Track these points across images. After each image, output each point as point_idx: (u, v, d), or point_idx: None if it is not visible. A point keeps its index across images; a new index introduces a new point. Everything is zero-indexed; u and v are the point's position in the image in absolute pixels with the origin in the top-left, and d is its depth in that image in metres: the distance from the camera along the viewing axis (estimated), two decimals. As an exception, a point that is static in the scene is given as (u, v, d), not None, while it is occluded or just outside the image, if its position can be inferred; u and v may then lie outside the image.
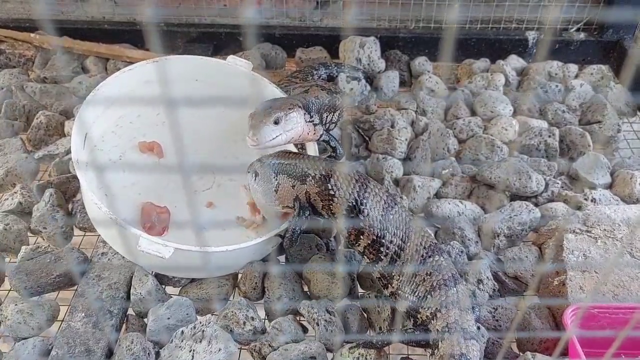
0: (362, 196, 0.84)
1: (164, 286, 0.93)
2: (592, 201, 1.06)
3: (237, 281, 0.94)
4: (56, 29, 1.44)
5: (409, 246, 0.83)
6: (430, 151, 1.17)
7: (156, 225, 0.93)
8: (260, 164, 0.89)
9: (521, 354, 0.84)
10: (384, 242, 0.83)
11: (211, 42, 1.46)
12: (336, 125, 1.06)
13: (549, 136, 1.19)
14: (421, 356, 0.85)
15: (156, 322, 0.84)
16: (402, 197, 1.06)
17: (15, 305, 0.86)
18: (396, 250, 0.83)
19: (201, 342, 0.80)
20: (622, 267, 0.91)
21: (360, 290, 0.95)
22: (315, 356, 0.81)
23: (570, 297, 0.87)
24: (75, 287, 0.92)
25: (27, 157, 1.12)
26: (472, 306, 0.82)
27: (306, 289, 0.94)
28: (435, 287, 0.79)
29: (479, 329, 0.83)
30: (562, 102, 1.33)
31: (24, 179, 1.08)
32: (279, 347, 0.82)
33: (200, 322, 0.83)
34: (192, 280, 0.94)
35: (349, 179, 0.85)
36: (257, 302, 0.92)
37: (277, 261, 0.98)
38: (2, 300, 0.91)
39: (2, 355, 0.82)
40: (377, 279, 0.88)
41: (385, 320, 0.88)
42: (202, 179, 1.06)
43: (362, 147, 1.21)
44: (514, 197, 1.09)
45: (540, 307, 0.90)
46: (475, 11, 1.46)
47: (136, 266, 0.91)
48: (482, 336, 0.85)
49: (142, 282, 0.89)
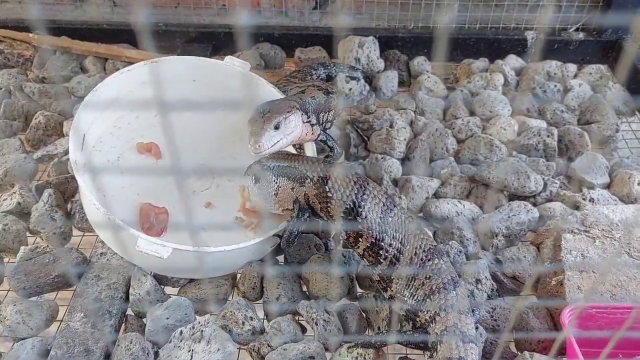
0: (360, 198, 0.83)
1: (162, 286, 0.93)
2: (590, 201, 1.06)
3: (236, 281, 0.94)
4: (55, 29, 1.43)
5: (408, 249, 0.82)
6: (429, 151, 1.17)
7: (155, 225, 0.93)
8: (260, 166, 0.89)
9: (519, 353, 0.85)
10: (382, 245, 0.83)
11: (210, 42, 1.46)
12: (332, 124, 1.06)
13: (548, 136, 1.19)
14: (420, 356, 0.85)
15: (155, 322, 0.84)
16: (401, 197, 1.06)
17: (14, 305, 0.86)
18: (395, 253, 0.83)
19: (200, 342, 0.81)
20: (620, 267, 0.91)
21: (359, 290, 0.95)
22: (313, 356, 0.81)
23: (568, 297, 0.87)
24: (74, 287, 0.92)
25: (25, 158, 1.12)
26: (472, 309, 0.82)
27: (305, 288, 0.94)
28: (434, 291, 0.79)
29: (477, 329, 0.84)
30: (561, 101, 1.33)
31: (22, 179, 1.09)
32: (277, 347, 0.82)
33: (199, 322, 0.83)
34: (190, 280, 0.94)
35: (347, 181, 0.84)
36: (256, 302, 0.92)
37: (276, 261, 0.98)
38: (1, 300, 0.91)
39: (1, 355, 0.82)
40: (377, 281, 0.88)
41: (383, 320, 0.88)
42: (200, 179, 1.06)
43: (360, 147, 1.21)
44: (513, 197, 1.09)
45: (538, 307, 0.91)
46: (474, 11, 1.46)
47: (135, 267, 0.91)
48: (481, 335, 0.85)
49: (141, 282, 0.89)
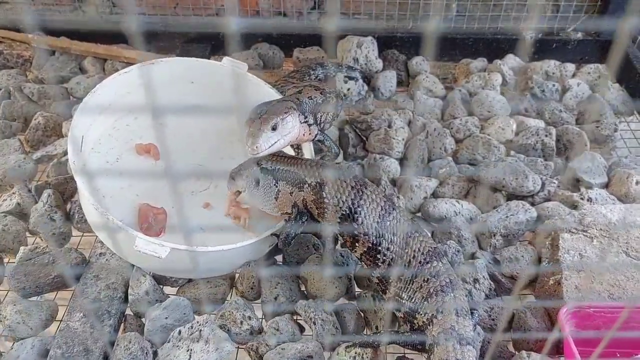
0: (356, 204, 0.83)
1: (161, 286, 0.93)
2: (588, 200, 1.06)
3: (235, 281, 0.95)
4: (54, 30, 1.44)
5: (406, 252, 0.82)
6: (427, 151, 1.18)
7: (153, 226, 0.94)
8: (259, 169, 0.89)
9: (517, 352, 0.85)
10: (380, 249, 0.83)
11: (209, 42, 1.46)
12: (331, 125, 1.06)
13: (546, 135, 1.19)
14: (418, 356, 0.86)
15: (154, 322, 0.84)
16: (399, 197, 1.07)
17: (14, 305, 0.87)
18: (393, 257, 0.83)
19: (198, 341, 0.81)
20: (617, 267, 0.91)
21: (357, 289, 0.96)
22: (312, 355, 0.81)
23: (565, 297, 0.87)
24: (73, 287, 0.93)
25: (25, 158, 1.12)
26: (472, 311, 0.82)
27: (303, 288, 0.95)
28: (431, 294, 0.79)
29: (475, 329, 0.84)
30: (559, 101, 1.33)
31: (22, 180, 1.09)
32: (276, 347, 0.82)
33: (197, 322, 0.84)
34: (189, 280, 0.94)
35: (343, 186, 0.84)
36: (255, 302, 0.93)
37: (275, 261, 0.99)
38: (1, 300, 0.91)
39: (1, 355, 0.83)
40: (376, 283, 0.88)
41: (381, 319, 0.88)
42: (199, 180, 1.06)
43: (359, 147, 1.21)
44: (511, 197, 1.09)
45: (536, 307, 0.91)
46: (472, 11, 1.46)
47: (134, 267, 0.91)
48: (479, 334, 0.85)
49: (140, 282, 0.89)
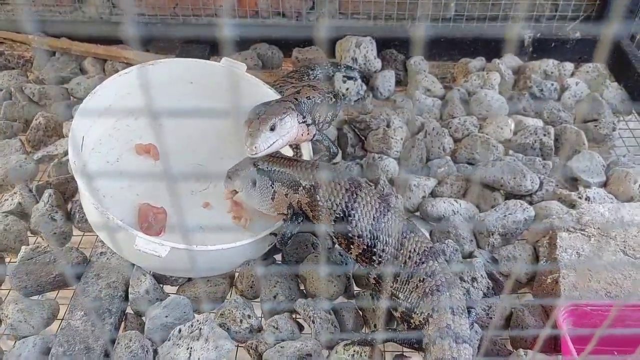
0: (350, 207, 0.83)
1: (161, 285, 0.94)
2: (586, 200, 1.07)
3: (234, 280, 0.95)
4: (54, 31, 1.44)
5: (402, 253, 0.83)
6: (425, 150, 1.18)
7: (153, 225, 0.94)
8: (256, 170, 0.89)
9: (514, 350, 0.85)
10: (375, 250, 0.84)
11: (208, 43, 1.47)
12: (329, 125, 1.06)
13: (544, 135, 1.19)
14: (416, 354, 0.86)
15: (154, 321, 0.85)
16: (397, 197, 1.07)
17: (15, 304, 0.87)
18: (389, 258, 0.83)
19: (198, 340, 0.81)
20: (615, 265, 0.91)
21: (355, 288, 0.96)
22: (311, 353, 0.82)
23: (563, 295, 0.88)
24: (74, 286, 0.93)
25: (26, 158, 1.13)
26: (469, 310, 0.82)
27: (302, 287, 0.95)
28: (427, 293, 0.79)
29: (472, 327, 0.84)
30: (558, 100, 1.33)
31: (23, 179, 1.10)
32: (275, 345, 0.83)
33: (197, 321, 0.84)
34: (189, 279, 0.95)
35: (337, 189, 0.84)
36: (254, 301, 0.93)
37: (274, 260, 0.99)
38: (2, 299, 0.92)
39: (3, 353, 0.84)
40: (373, 284, 0.89)
41: (379, 318, 0.89)
42: (198, 180, 1.07)
43: (358, 146, 1.21)
44: (509, 196, 1.10)
45: (533, 305, 0.91)
46: (471, 10, 1.46)
47: (134, 266, 0.92)
48: (476, 332, 0.86)
49: (140, 281, 0.90)
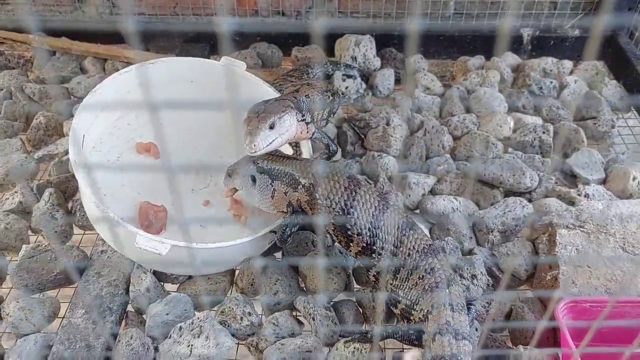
0: (349, 205, 0.84)
1: (162, 283, 0.94)
2: (585, 197, 1.07)
3: (235, 277, 0.96)
4: (55, 30, 1.45)
5: (401, 251, 0.83)
6: (425, 148, 1.18)
7: (154, 223, 0.95)
8: (255, 168, 0.89)
9: (514, 347, 0.86)
10: (374, 248, 0.84)
11: (208, 41, 1.47)
12: (328, 122, 1.07)
13: (543, 132, 1.20)
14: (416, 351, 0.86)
15: (155, 318, 0.85)
16: (397, 195, 1.07)
17: (17, 302, 0.88)
18: (388, 255, 0.84)
19: (199, 337, 0.82)
20: (614, 261, 0.92)
21: (356, 286, 0.97)
22: (311, 350, 0.82)
23: (562, 291, 0.88)
24: (75, 284, 0.94)
25: (27, 157, 1.13)
26: (469, 306, 0.83)
27: (302, 285, 0.96)
28: (427, 290, 0.79)
29: (472, 323, 0.85)
30: (557, 98, 1.34)
31: (24, 178, 1.10)
32: (275, 342, 0.83)
33: (198, 318, 0.85)
34: (189, 277, 0.95)
35: (336, 187, 0.84)
36: (254, 298, 0.94)
37: (274, 258, 1.00)
38: (4, 297, 0.92)
39: (5, 351, 0.84)
40: (373, 281, 0.89)
41: (378, 311, 0.89)
42: (198, 177, 1.07)
43: (357, 144, 1.22)
44: (508, 193, 1.10)
45: (533, 301, 0.92)
46: (470, 8, 1.47)
47: (135, 264, 0.93)
48: (476, 330, 0.86)
49: (141, 279, 0.90)
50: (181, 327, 0.84)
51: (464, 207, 1.06)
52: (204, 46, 1.46)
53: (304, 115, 0.93)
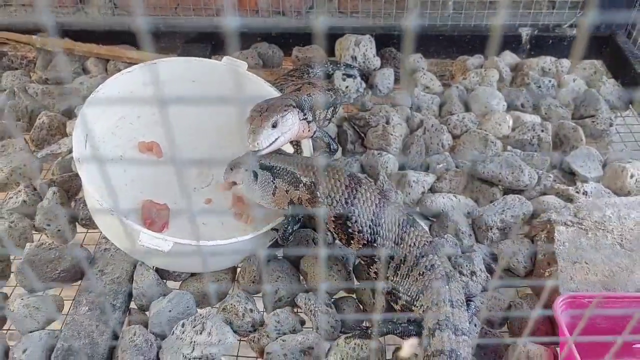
0: (350, 203, 0.85)
1: (164, 280, 0.95)
2: (583, 194, 1.08)
3: (236, 275, 0.97)
4: (57, 31, 1.46)
5: (402, 247, 0.84)
6: (424, 146, 1.19)
7: (156, 221, 0.96)
8: (259, 165, 0.90)
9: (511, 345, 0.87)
10: (375, 245, 0.85)
11: (209, 42, 1.48)
12: (330, 121, 1.08)
13: (542, 131, 1.21)
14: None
15: (158, 315, 0.86)
16: (397, 193, 1.08)
17: (21, 300, 0.89)
18: (389, 252, 0.85)
19: (201, 333, 0.83)
20: (611, 258, 0.93)
21: (356, 283, 0.97)
22: (312, 346, 0.83)
23: (560, 288, 0.89)
24: (79, 282, 0.95)
25: (30, 157, 1.15)
26: (468, 303, 0.83)
27: (304, 282, 0.97)
28: (427, 286, 0.80)
29: (472, 320, 0.85)
30: (555, 97, 1.34)
31: (27, 178, 1.11)
32: (277, 338, 0.84)
33: (200, 315, 0.86)
34: (192, 274, 0.96)
35: (337, 185, 0.85)
36: (256, 295, 0.95)
37: (275, 256, 1.01)
38: (8, 295, 0.93)
39: (10, 348, 0.85)
40: (374, 278, 0.90)
41: (376, 304, 0.90)
42: (200, 176, 1.08)
43: (357, 143, 1.23)
44: (507, 191, 1.11)
45: (532, 298, 0.93)
46: (468, 8, 1.48)
47: (138, 261, 0.94)
48: (475, 325, 0.87)
49: (144, 276, 0.91)
50: (184, 324, 0.85)
51: (464, 204, 1.07)
52: (205, 46, 1.47)
53: (305, 114, 0.93)
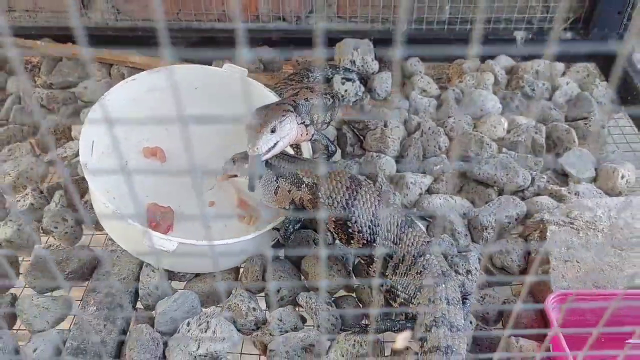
0: (351, 204, 0.87)
1: (170, 281, 0.98)
2: (576, 195, 1.11)
3: (239, 275, 1.00)
4: (60, 36, 1.49)
5: (400, 247, 0.87)
6: (421, 149, 1.22)
7: (161, 223, 0.99)
8: (262, 164, 0.93)
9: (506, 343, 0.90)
10: (375, 245, 0.88)
11: (210, 47, 1.51)
12: (328, 125, 1.10)
13: (536, 133, 1.24)
14: (413, 344, 0.90)
15: (164, 315, 0.89)
16: (395, 194, 1.11)
17: (31, 300, 0.92)
18: (388, 252, 0.88)
19: (206, 332, 0.86)
20: (602, 257, 0.96)
21: (355, 281, 1.00)
22: (313, 344, 0.86)
23: (553, 285, 0.92)
24: (86, 283, 0.98)
25: (36, 160, 1.17)
26: (465, 299, 0.86)
27: (305, 282, 0.99)
28: (424, 284, 0.83)
29: (467, 317, 0.88)
30: (549, 99, 1.37)
31: (34, 181, 1.14)
32: (279, 336, 0.87)
33: (205, 314, 0.89)
34: (196, 275, 0.99)
35: (338, 186, 0.88)
36: (259, 295, 0.97)
37: (277, 256, 1.04)
38: (18, 296, 0.96)
39: (20, 348, 0.88)
40: (373, 277, 0.93)
41: (374, 300, 0.93)
42: (204, 179, 1.11)
43: (356, 146, 1.26)
44: (502, 192, 1.14)
45: (525, 296, 0.96)
46: (465, 12, 1.51)
47: (144, 262, 0.96)
48: (471, 323, 0.90)
49: (150, 277, 0.94)
50: (189, 323, 0.88)
51: (460, 205, 1.10)
52: (207, 51, 1.50)
53: (303, 118, 0.96)
